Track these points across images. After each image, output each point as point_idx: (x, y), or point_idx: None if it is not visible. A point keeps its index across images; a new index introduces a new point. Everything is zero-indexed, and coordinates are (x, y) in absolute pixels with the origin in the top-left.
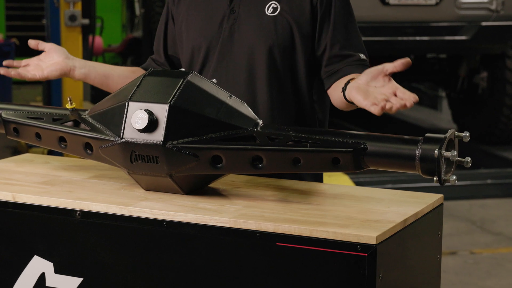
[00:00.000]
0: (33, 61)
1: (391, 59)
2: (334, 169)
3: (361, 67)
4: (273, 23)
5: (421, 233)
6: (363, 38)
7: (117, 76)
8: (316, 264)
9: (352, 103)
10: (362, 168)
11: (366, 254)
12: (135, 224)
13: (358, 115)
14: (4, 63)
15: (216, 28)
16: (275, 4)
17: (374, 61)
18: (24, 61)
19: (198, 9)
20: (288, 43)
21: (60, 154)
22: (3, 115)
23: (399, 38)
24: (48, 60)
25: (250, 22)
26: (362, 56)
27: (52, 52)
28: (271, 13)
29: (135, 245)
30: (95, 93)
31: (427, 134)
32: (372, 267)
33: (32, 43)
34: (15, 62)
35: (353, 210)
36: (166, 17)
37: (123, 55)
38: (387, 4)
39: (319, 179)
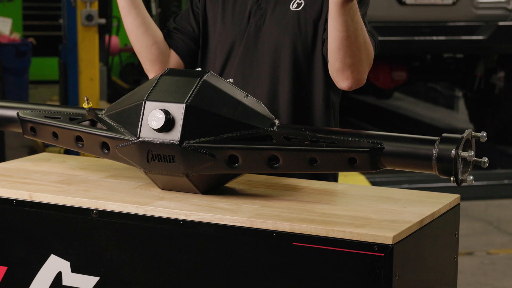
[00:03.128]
0: None
1: (407, 59)
2: (350, 169)
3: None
4: (296, 19)
5: (438, 233)
6: (380, 38)
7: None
8: (332, 264)
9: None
10: (379, 168)
11: (383, 254)
12: (151, 223)
13: (375, 115)
14: None
15: (243, 24)
16: (300, 0)
17: (391, 60)
18: None
19: (226, 5)
20: (310, 39)
21: (77, 154)
22: (20, 114)
23: (416, 38)
24: None
25: (275, 18)
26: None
27: None
28: (295, 8)
29: (151, 245)
30: (111, 93)
31: (444, 134)
32: (388, 267)
33: None
34: None
35: (369, 210)
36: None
37: None
38: (404, 3)
39: (335, 179)
